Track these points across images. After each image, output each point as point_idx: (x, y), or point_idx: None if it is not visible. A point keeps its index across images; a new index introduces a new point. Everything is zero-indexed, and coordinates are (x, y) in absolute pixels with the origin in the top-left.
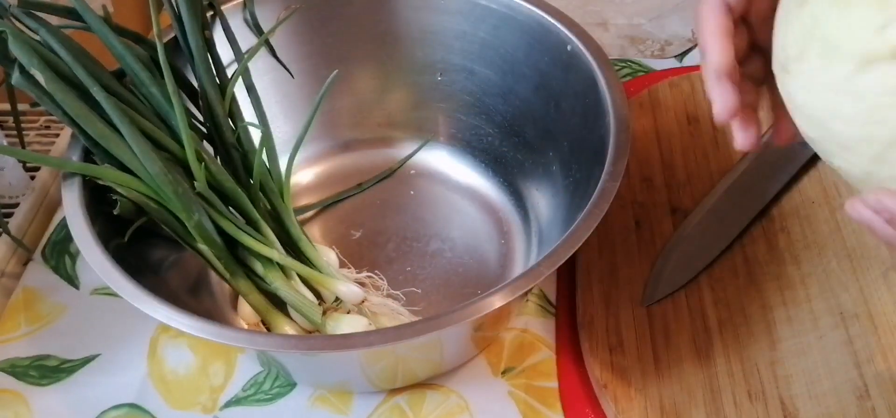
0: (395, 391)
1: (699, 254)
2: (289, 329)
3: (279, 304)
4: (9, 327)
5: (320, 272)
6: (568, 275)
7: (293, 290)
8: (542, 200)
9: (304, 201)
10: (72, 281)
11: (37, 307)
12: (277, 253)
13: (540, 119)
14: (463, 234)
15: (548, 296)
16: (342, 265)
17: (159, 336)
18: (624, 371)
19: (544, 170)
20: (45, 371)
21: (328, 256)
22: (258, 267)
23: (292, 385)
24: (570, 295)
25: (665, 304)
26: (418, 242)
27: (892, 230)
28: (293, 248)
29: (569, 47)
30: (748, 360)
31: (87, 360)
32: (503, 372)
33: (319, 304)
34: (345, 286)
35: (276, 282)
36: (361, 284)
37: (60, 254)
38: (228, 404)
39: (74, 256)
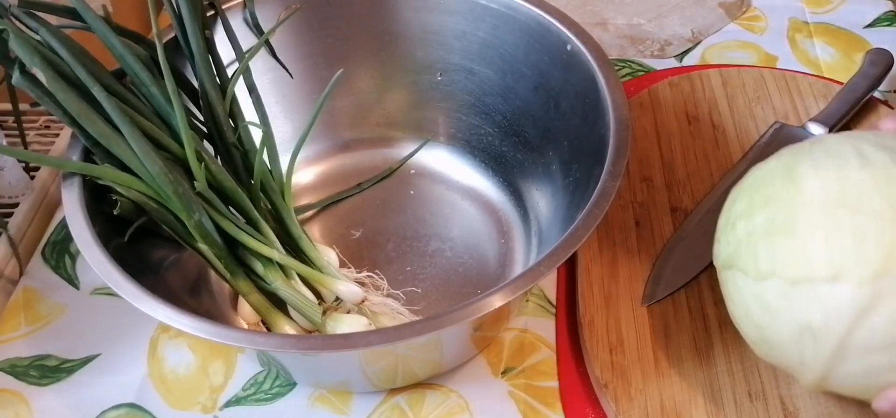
0: (394, 391)
1: (699, 254)
2: (289, 329)
3: (279, 304)
4: (9, 327)
5: (320, 271)
6: (568, 274)
7: (293, 290)
8: (542, 200)
9: (303, 201)
10: (72, 281)
11: (37, 307)
12: (277, 252)
13: (540, 118)
14: (463, 234)
15: (548, 296)
16: (342, 265)
17: (159, 336)
18: (624, 371)
19: (544, 169)
20: (44, 371)
21: (328, 256)
22: (258, 266)
23: (292, 384)
24: (570, 295)
25: (665, 304)
26: (418, 242)
27: None
28: (293, 248)
29: (568, 47)
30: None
31: (87, 360)
32: (503, 372)
33: (319, 304)
34: (345, 286)
35: (276, 281)
36: (361, 284)
37: (60, 253)
38: (228, 404)
39: (74, 256)
